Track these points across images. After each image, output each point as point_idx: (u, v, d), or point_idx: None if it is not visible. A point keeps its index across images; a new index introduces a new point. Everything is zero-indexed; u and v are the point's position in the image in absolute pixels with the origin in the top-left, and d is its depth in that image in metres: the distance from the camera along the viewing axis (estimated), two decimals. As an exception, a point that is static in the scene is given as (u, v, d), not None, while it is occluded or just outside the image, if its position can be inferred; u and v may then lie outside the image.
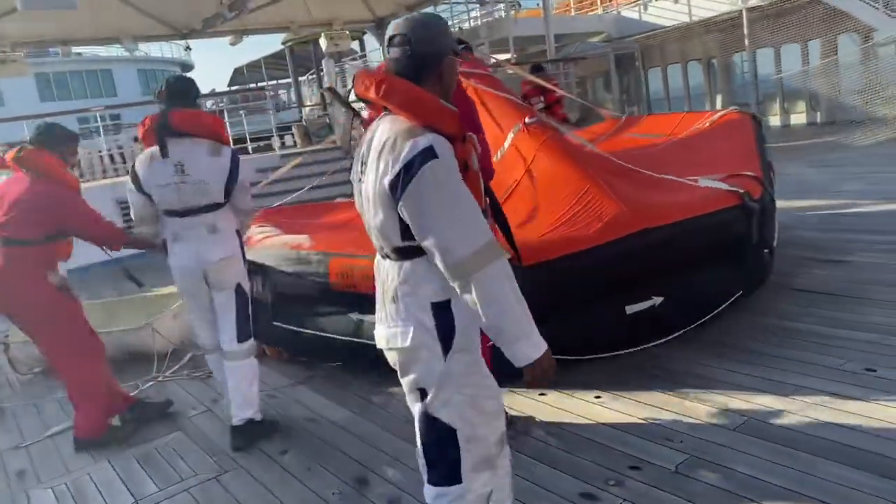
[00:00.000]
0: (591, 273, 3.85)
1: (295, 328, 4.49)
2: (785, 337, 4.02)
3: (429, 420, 2.03)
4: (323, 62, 19.10)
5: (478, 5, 17.29)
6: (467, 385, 2.02)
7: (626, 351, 3.94)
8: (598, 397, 3.61)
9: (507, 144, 4.96)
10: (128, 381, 4.85)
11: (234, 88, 31.38)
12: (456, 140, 1.90)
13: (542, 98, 9.01)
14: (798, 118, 15.21)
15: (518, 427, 3.42)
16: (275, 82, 33.51)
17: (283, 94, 32.66)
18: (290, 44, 18.92)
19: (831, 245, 5.79)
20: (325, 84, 17.81)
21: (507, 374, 3.72)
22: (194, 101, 3.67)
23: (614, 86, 16.45)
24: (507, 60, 14.57)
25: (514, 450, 3.22)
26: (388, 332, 2.03)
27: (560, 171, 4.50)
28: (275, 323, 4.61)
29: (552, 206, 4.27)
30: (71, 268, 4.90)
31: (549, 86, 7.94)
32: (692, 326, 4.07)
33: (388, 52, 1.99)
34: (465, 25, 17.86)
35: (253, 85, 30.41)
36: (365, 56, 22.86)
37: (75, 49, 33.05)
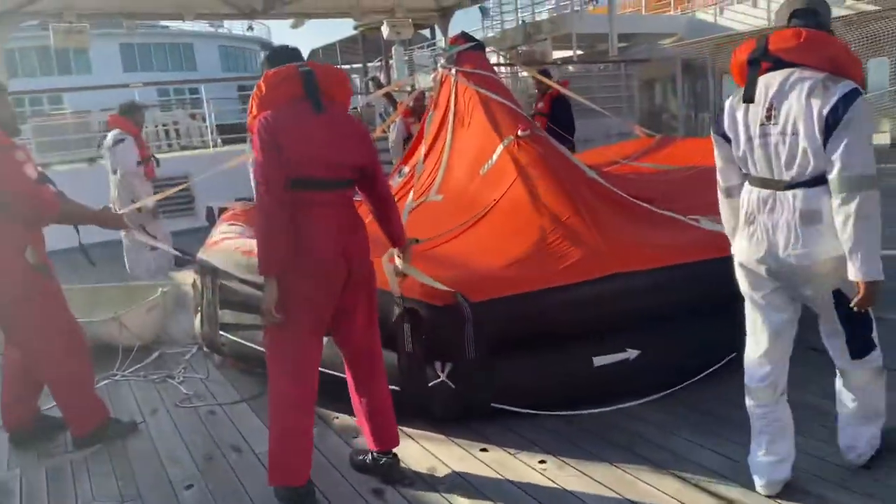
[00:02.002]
0: (552, 317, 3.40)
1: (241, 341, 4.18)
2: (782, 409, 3.43)
3: (855, 311, 2.49)
4: (392, 49, 18.86)
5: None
6: None
7: (589, 411, 3.46)
8: (542, 462, 3.14)
9: (495, 157, 4.50)
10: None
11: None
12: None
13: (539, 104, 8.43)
14: (881, 138, 13.98)
15: (443, 489, 3.00)
16: (348, 66, 33.66)
17: (356, 78, 32.78)
18: (361, 28, 18.71)
19: (874, 295, 5.08)
20: (371, 74, 17.54)
21: (447, 420, 3.43)
22: None
23: (679, 91, 15.55)
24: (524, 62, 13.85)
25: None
26: (816, 248, 2.44)
27: (542, 194, 4.05)
28: (222, 333, 4.31)
29: (525, 235, 3.82)
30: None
31: (555, 86, 7.37)
32: (673, 390, 3.55)
33: (792, 21, 2.56)
34: (529, 19, 17.26)
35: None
36: (434, 44, 22.52)
37: (163, 23, 34.01)
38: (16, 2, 12.26)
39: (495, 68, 13.81)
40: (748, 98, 2.51)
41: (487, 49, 17.99)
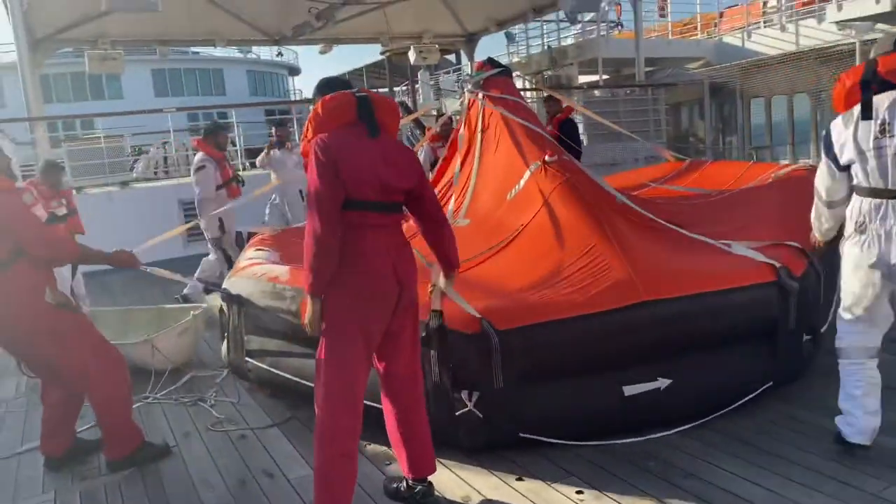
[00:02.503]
0: (581, 345, 3.35)
1: (267, 367, 4.18)
2: (823, 442, 3.33)
3: None
4: (419, 74, 19.05)
5: (569, 24, 16.71)
6: None
7: (622, 441, 3.41)
8: (579, 492, 3.08)
9: (523, 182, 4.50)
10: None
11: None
12: None
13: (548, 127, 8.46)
14: None
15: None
16: (374, 91, 34.12)
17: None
18: (388, 54, 18.91)
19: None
20: (398, 98, 17.72)
21: (475, 450, 3.37)
22: None
23: (707, 115, 15.45)
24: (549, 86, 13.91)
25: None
26: None
27: (569, 220, 4.01)
28: (248, 359, 4.31)
29: (553, 261, 3.79)
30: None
31: (573, 103, 7.34)
32: (705, 419, 3.50)
33: None
34: (555, 44, 17.31)
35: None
36: (459, 69, 22.68)
37: (193, 49, 34.75)
38: (52, 29, 12.60)
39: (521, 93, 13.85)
40: (867, 115, 2.83)
41: (513, 74, 18.06)
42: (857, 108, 2.89)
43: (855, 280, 3.04)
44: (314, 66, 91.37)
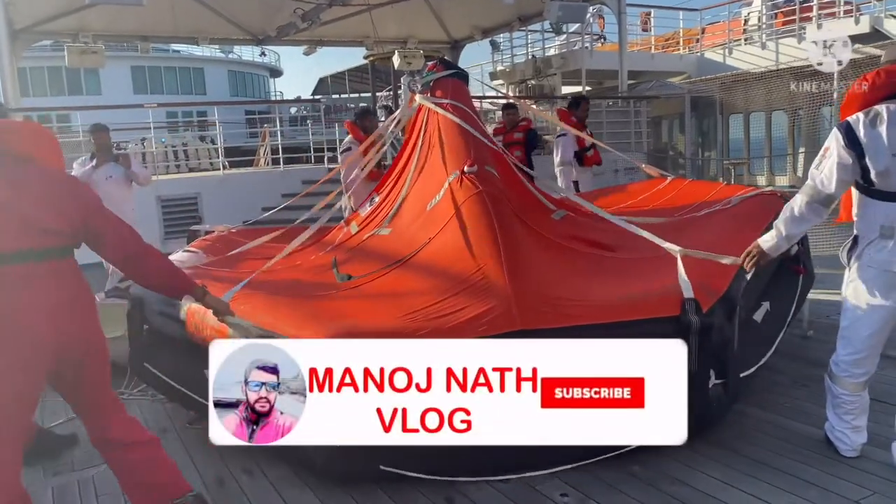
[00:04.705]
0: None
1: (159, 373, 4.07)
2: (806, 450, 3.35)
3: None
4: (402, 79, 19.03)
5: (554, 35, 16.84)
6: None
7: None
8: (563, 496, 3.06)
9: (441, 192, 4.25)
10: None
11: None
12: None
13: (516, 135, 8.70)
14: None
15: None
16: (357, 95, 34.10)
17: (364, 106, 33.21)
18: (371, 58, 18.87)
19: None
20: (381, 103, 17.70)
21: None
22: None
23: (688, 129, 15.63)
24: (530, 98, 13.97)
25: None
26: None
27: (471, 236, 3.74)
28: (145, 364, 4.20)
29: (440, 281, 3.54)
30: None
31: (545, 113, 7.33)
32: (598, 459, 3.22)
33: None
34: (540, 54, 17.43)
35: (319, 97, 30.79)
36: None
37: (174, 47, 34.43)
38: (32, 20, 12.41)
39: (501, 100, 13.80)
40: None
41: (496, 83, 18.01)
42: (884, 111, 2.84)
43: (878, 285, 2.95)
44: (297, 67, 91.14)
